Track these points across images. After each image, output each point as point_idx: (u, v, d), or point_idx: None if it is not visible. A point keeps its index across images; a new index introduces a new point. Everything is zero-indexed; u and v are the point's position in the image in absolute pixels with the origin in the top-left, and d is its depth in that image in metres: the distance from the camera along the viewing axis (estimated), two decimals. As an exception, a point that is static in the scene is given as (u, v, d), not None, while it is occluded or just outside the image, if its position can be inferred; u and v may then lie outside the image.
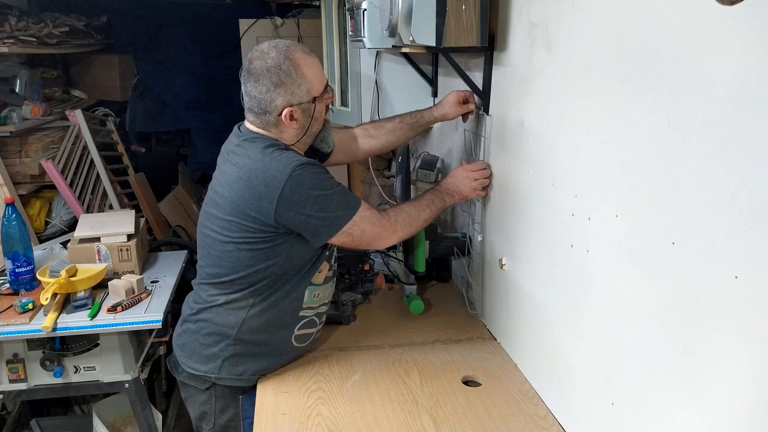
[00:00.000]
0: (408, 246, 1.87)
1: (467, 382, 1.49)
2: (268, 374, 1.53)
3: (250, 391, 1.51)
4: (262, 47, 1.42)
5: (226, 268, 1.44)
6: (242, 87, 1.43)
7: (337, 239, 1.43)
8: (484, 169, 1.63)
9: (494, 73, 1.61)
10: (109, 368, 2.08)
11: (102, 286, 2.14)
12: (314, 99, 1.44)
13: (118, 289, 2.09)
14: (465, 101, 1.75)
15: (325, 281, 1.55)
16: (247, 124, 1.48)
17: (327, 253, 1.52)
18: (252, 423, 1.48)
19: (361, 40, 1.95)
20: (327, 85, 1.48)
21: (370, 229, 1.44)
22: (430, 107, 1.83)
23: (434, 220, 2.10)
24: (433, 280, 2.08)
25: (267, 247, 1.40)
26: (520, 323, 1.52)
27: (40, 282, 2.11)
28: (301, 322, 1.53)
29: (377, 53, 2.14)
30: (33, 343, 2.00)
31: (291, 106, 1.40)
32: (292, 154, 1.41)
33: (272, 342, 1.51)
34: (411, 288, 1.91)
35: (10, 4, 3.08)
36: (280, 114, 1.40)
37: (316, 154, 1.63)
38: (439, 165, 2.11)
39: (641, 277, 0.99)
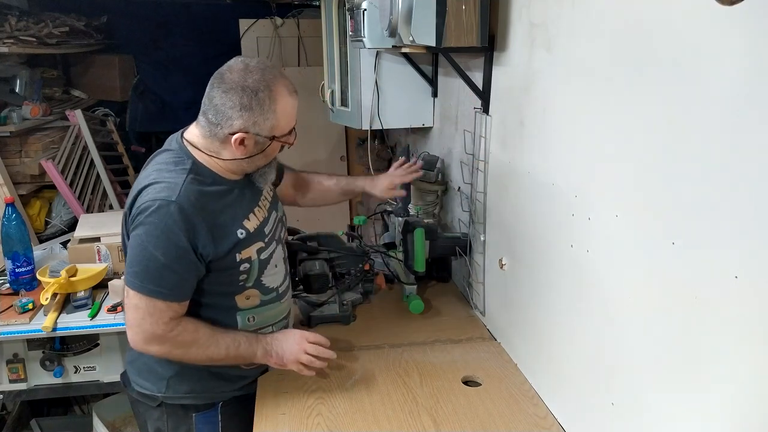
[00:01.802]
0: (408, 246, 1.87)
1: (467, 382, 1.49)
2: (227, 396, 1.46)
3: (206, 410, 1.45)
4: (249, 63, 1.30)
5: None
6: (208, 88, 1.30)
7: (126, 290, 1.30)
8: (323, 346, 1.44)
9: (494, 73, 1.61)
10: (109, 368, 2.08)
11: (102, 286, 2.14)
12: (273, 137, 1.33)
13: (118, 289, 2.08)
14: (395, 187, 1.79)
15: (262, 304, 1.45)
16: (189, 130, 1.37)
17: (244, 284, 1.40)
18: None
19: (361, 40, 1.95)
20: (293, 129, 1.39)
21: (143, 316, 1.27)
22: (365, 178, 1.84)
23: (434, 220, 2.11)
24: (433, 280, 2.08)
25: None
26: (520, 323, 1.52)
27: (40, 282, 2.11)
28: None
29: (377, 53, 2.14)
30: (33, 343, 2.00)
31: (247, 132, 1.28)
32: (181, 184, 1.27)
33: (215, 367, 1.42)
34: (411, 288, 1.91)
35: (10, 4, 3.08)
36: (232, 134, 1.28)
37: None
38: (439, 165, 2.11)
39: (641, 277, 0.99)
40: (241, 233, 1.35)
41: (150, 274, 1.26)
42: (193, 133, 1.36)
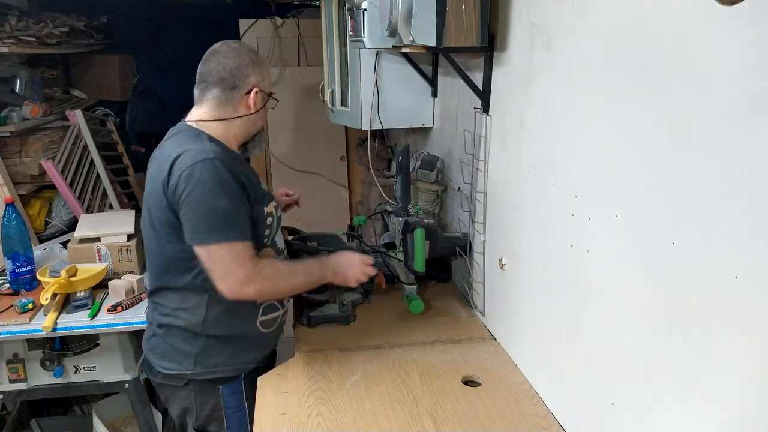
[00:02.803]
0: (408, 246, 1.87)
1: (467, 382, 1.49)
2: (252, 365, 1.56)
3: (231, 381, 1.54)
4: (231, 41, 1.53)
5: (168, 266, 1.47)
6: (210, 64, 1.48)
7: (198, 249, 1.37)
8: (372, 265, 1.67)
9: (494, 73, 1.61)
10: (109, 368, 2.08)
11: (102, 286, 2.14)
12: (270, 93, 1.56)
13: (118, 289, 2.09)
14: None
15: None
16: (191, 114, 1.51)
17: (266, 240, 1.51)
18: (236, 412, 1.54)
19: (361, 40, 1.95)
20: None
21: (229, 263, 1.36)
22: None
23: (433, 220, 2.11)
24: (433, 279, 2.08)
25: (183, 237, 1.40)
26: (520, 323, 1.52)
27: (40, 282, 2.11)
28: (262, 308, 1.55)
29: (377, 53, 2.14)
30: (33, 343, 2.00)
31: (258, 88, 1.49)
32: (210, 147, 1.39)
33: (239, 332, 1.53)
34: (411, 288, 1.91)
35: (10, 4, 3.08)
36: (249, 92, 1.48)
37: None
38: (439, 165, 2.11)
39: (641, 277, 0.99)
40: (263, 186, 1.51)
41: (221, 223, 1.35)
42: (198, 113, 1.50)
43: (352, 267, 1.61)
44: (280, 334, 1.67)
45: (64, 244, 2.52)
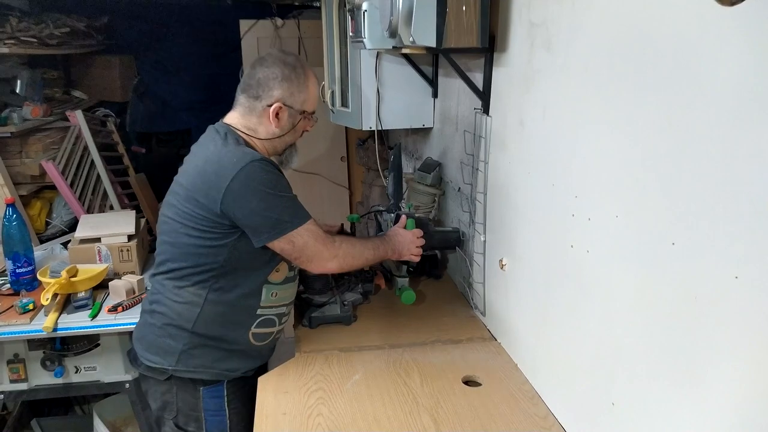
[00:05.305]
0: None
1: (467, 382, 1.49)
2: (236, 374, 1.55)
3: (213, 385, 1.53)
4: (283, 51, 1.54)
5: (177, 256, 1.47)
6: (247, 72, 1.51)
7: (279, 244, 1.42)
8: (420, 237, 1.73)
9: (494, 74, 1.61)
10: (110, 368, 2.08)
11: (102, 286, 2.14)
12: (303, 112, 1.53)
13: (118, 289, 2.09)
14: None
15: (285, 281, 1.57)
16: (227, 117, 1.54)
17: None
18: (215, 416, 1.53)
19: (362, 41, 1.95)
20: (314, 113, 1.58)
21: (314, 244, 1.45)
22: None
23: (427, 216, 2.11)
24: (425, 275, 2.09)
25: (214, 236, 1.42)
26: (520, 323, 1.53)
27: (40, 282, 2.11)
28: (258, 320, 1.54)
29: (377, 54, 2.14)
30: (34, 344, 2.01)
31: (283, 104, 1.48)
32: (251, 150, 1.44)
33: (229, 338, 1.52)
34: (403, 280, 1.91)
35: (11, 5, 3.08)
36: (270, 105, 1.48)
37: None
38: (437, 170, 2.11)
39: (641, 277, 0.99)
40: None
41: (293, 211, 1.43)
42: (231, 117, 1.53)
43: (405, 244, 1.67)
44: (271, 351, 1.67)
45: (65, 244, 2.52)
